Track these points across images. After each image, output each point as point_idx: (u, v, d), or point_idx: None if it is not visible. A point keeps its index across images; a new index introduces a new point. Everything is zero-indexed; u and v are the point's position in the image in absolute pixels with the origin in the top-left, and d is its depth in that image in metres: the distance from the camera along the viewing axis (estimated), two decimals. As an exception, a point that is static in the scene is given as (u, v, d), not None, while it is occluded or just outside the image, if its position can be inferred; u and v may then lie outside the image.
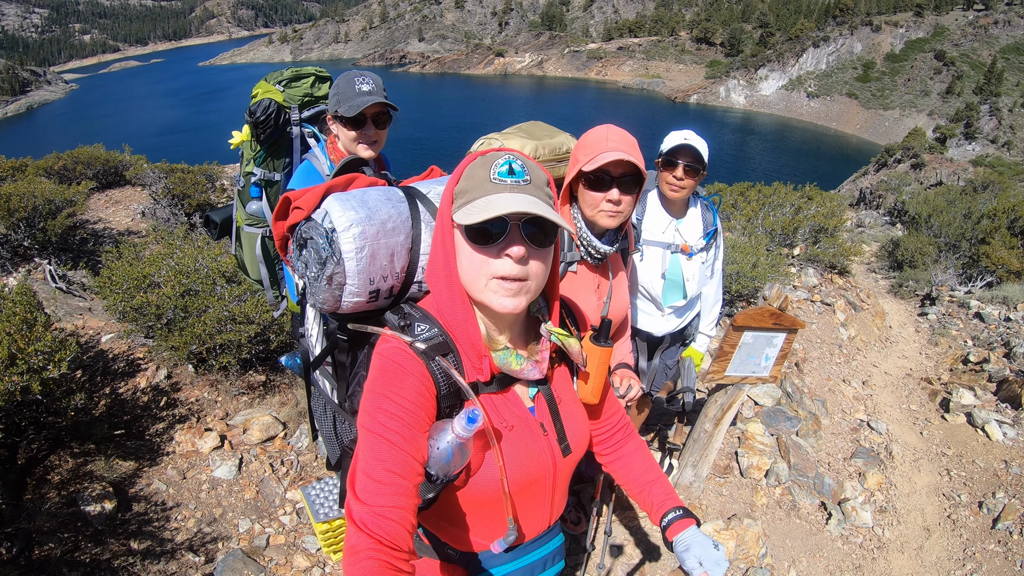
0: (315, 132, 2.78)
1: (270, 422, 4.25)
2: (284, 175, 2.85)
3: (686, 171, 2.74)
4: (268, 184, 2.85)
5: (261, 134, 2.70)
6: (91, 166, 9.87)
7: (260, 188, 2.85)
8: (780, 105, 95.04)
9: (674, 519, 1.59)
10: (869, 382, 6.58)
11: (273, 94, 2.71)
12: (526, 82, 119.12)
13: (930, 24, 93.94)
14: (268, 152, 2.80)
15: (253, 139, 2.78)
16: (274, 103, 2.67)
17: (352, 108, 2.44)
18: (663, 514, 1.61)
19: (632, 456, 1.72)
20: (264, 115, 2.65)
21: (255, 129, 2.70)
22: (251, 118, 2.67)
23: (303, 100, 2.80)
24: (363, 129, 2.52)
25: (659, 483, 1.67)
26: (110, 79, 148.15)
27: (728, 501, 4.15)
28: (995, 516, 4.38)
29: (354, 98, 2.46)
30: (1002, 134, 68.53)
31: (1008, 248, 10.39)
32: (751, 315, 3.33)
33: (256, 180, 2.82)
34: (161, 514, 3.50)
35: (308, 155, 2.71)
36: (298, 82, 2.80)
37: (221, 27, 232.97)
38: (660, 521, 1.61)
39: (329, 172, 2.61)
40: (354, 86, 2.47)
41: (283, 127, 2.74)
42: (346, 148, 2.58)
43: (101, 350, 4.71)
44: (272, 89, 2.75)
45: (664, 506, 1.62)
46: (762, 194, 11.98)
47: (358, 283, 1.30)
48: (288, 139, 2.81)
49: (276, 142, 2.79)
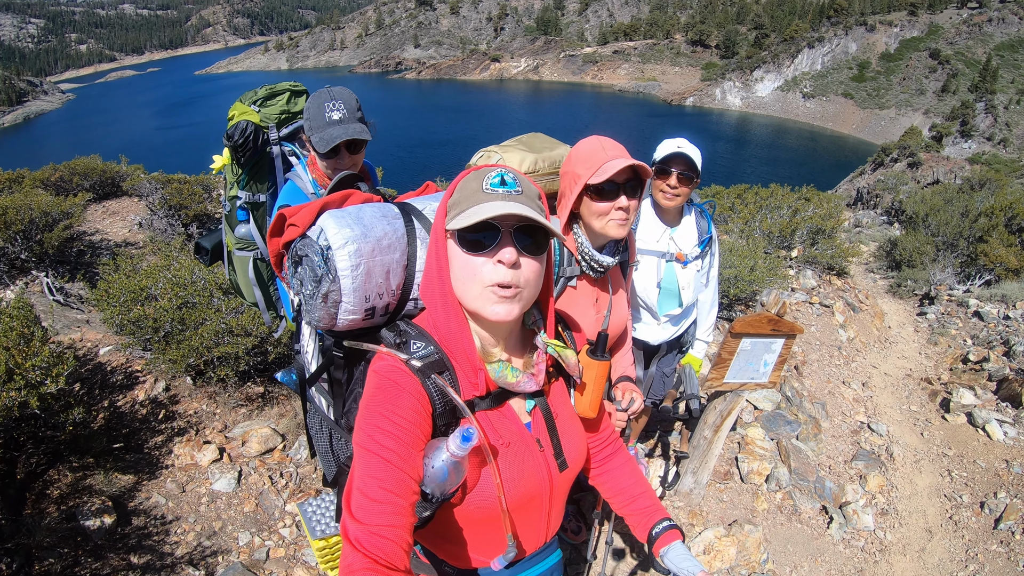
0: (295, 150, 2.72)
1: (269, 434, 4.24)
2: (269, 196, 2.81)
3: (680, 179, 2.74)
4: (254, 207, 2.81)
5: (241, 157, 2.66)
6: (88, 177, 9.90)
7: (247, 211, 2.81)
8: (776, 106, 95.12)
9: (662, 531, 1.59)
10: (869, 383, 6.57)
11: (249, 115, 2.65)
12: (522, 87, 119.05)
13: (924, 23, 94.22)
14: (250, 175, 2.75)
15: (233, 162, 2.73)
16: (251, 124, 2.62)
17: (323, 143, 2.41)
18: (650, 527, 1.61)
19: (620, 469, 1.71)
20: (242, 138, 2.60)
21: (234, 153, 2.65)
22: (229, 142, 2.62)
23: (280, 118, 2.73)
24: (337, 159, 2.50)
25: (645, 496, 1.67)
26: (107, 88, 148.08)
27: (729, 507, 4.14)
28: (997, 516, 4.37)
29: (324, 128, 2.42)
30: (998, 131, 68.74)
31: (1006, 246, 10.39)
32: (749, 322, 3.32)
33: (242, 203, 2.78)
34: (161, 528, 3.49)
35: (291, 174, 2.67)
36: (273, 100, 2.74)
37: (217, 36, 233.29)
38: (647, 533, 1.61)
39: (312, 190, 2.58)
40: (324, 114, 2.42)
41: (262, 148, 2.69)
42: (324, 168, 2.56)
43: (99, 363, 4.70)
44: (248, 110, 2.68)
45: (651, 519, 1.62)
46: (759, 196, 12.00)
47: (354, 301, 1.30)
48: (269, 159, 2.75)
49: (257, 163, 2.74)
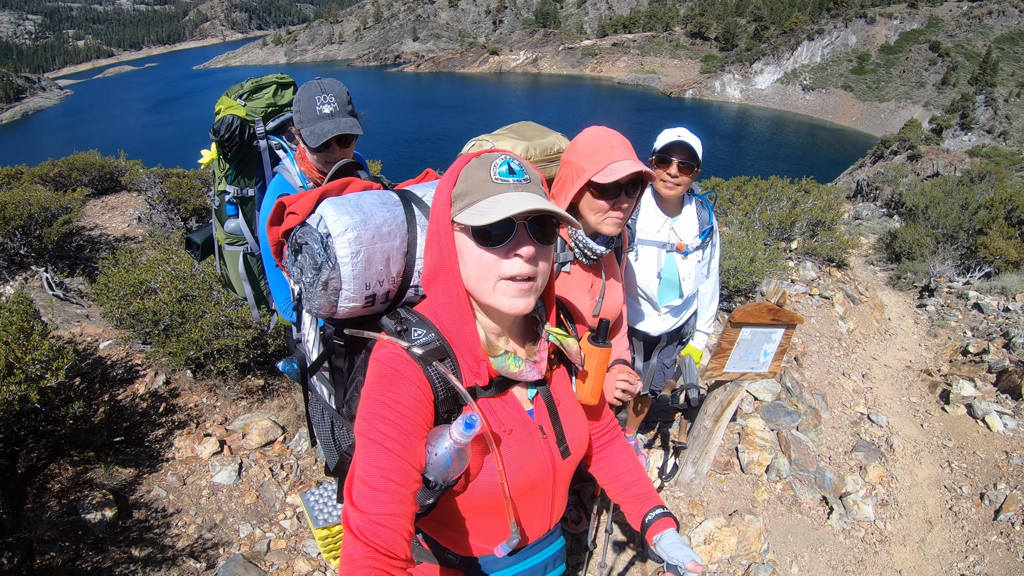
0: (283, 144, 2.70)
1: (269, 426, 4.24)
2: (258, 190, 2.79)
3: (680, 168, 2.74)
4: (243, 201, 2.79)
5: (228, 152, 2.64)
6: (87, 172, 9.86)
7: (235, 206, 2.79)
8: (775, 99, 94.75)
9: (655, 519, 1.59)
10: (869, 375, 6.57)
11: (235, 109, 2.64)
12: (521, 80, 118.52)
13: (924, 15, 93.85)
14: (237, 169, 2.73)
15: (221, 157, 2.71)
16: (237, 119, 2.60)
17: (314, 137, 2.41)
18: (644, 514, 1.61)
19: (616, 456, 1.72)
20: (228, 132, 2.58)
21: (221, 148, 2.63)
22: (215, 136, 2.60)
23: (267, 111, 2.71)
24: (327, 152, 2.49)
25: (640, 483, 1.67)
26: (104, 84, 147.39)
27: (729, 497, 4.15)
28: (997, 507, 4.38)
29: (315, 122, 2.41)
30: (998, 124, 68.62)
31: (1006, 238, 10.39)
32: (749, 311, 3.32)
33: (230, 198, 2.76)
34: (162, 521, 3.50)
35: (278, 168, 2.65)
36: (259, 93, 2.71)
37: (215, 30, 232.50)
38: (641, 521, 1.61)
39: (301, 184, 2.57)
40: (315, 107, 2.41)
41: (249, 142, 2.67)
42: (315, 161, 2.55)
43: (99, 357, 4.70)
44: (234, 104, 2.66)
45: (645, 506, 1.63)
46: (759, 188, 11.97)
47: (354, 288, 1.29)
48: (256, 153, 2.73)
49: (244, 158, 2.72)
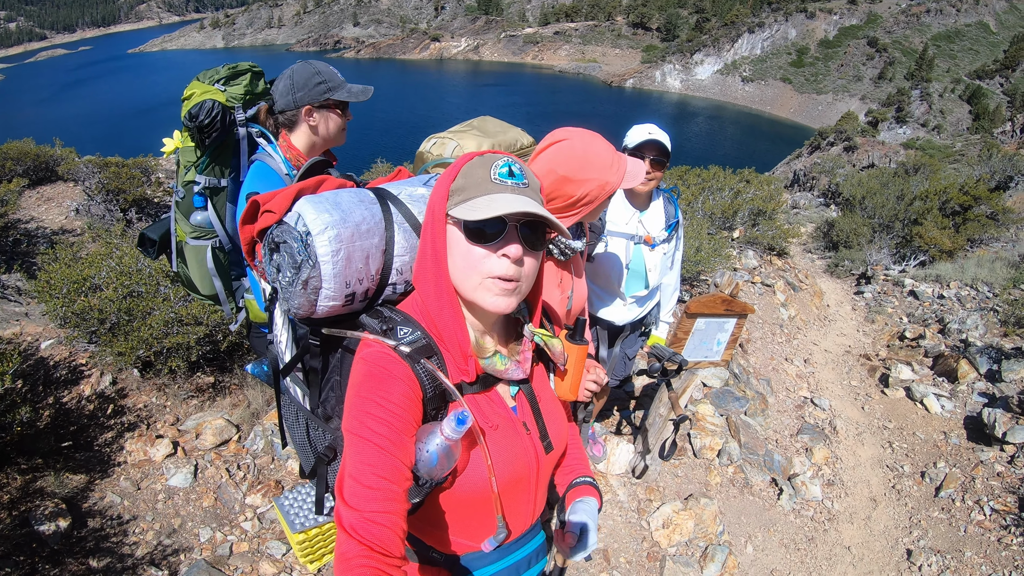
0: (264, 131, 2.59)
1: (223, 425, 4.15)
2: (231, 180, 2.64)
3: (653, 164, 2.84)
4: (213, 191, 2.61)
5: (206, 139, 2.48)
6: (21, 162, 9.44)
7: (204, 197, 2.61)
8: (715, 89, 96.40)
9: (579, 483, 1.64)
10: (811, 360, 6.83)
11: (213, 94, 2.47)
12: (462, 67, 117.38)
13: (864, 11, 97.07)
14: (212, 158, 2.56)
15: (196, 145, 2.55)
16: (218, 104, 2.45)
17: (352, 94, 2.52)
18: (572, 480, 1.66)
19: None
20: (208, 118, 2.42)
21: (199, 134, 2.46)
22: (193, 123, 2.43)
23: (245, 98, 2.57)
24: (344, 114, 2.58)
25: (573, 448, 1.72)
26: (37, 68, 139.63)
27: (684, 482, 4.28)
28: (937, 485, 4.64)
29: (343, 85, 2.50)
30: (932, 118, 71.52)
31: (940, 228, 10.92)
32: (704, 302, 3.43)
33: (199, 189, 2.58)
34: (118, 528, 3.38)
35: (259, 155, 2.55)
36: (237, 80, 2.57)
37: (151, 12, 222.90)
38: (567, 486, 1.65)
39: (286, 171, 2.50)
40: (334, 72, 2.51)
41: (229, 129, 2.53)
42: (331, 137, 2.60)
43: (41, 357, 4.51)
44: (211, 89, 2.50)
45: (574, 473, 1.67)
46: (701, 178, 12.22)
47: (334, 287, 1.29)
48: (234, 141, 2.59)
49: (221, 146, 2.56)
